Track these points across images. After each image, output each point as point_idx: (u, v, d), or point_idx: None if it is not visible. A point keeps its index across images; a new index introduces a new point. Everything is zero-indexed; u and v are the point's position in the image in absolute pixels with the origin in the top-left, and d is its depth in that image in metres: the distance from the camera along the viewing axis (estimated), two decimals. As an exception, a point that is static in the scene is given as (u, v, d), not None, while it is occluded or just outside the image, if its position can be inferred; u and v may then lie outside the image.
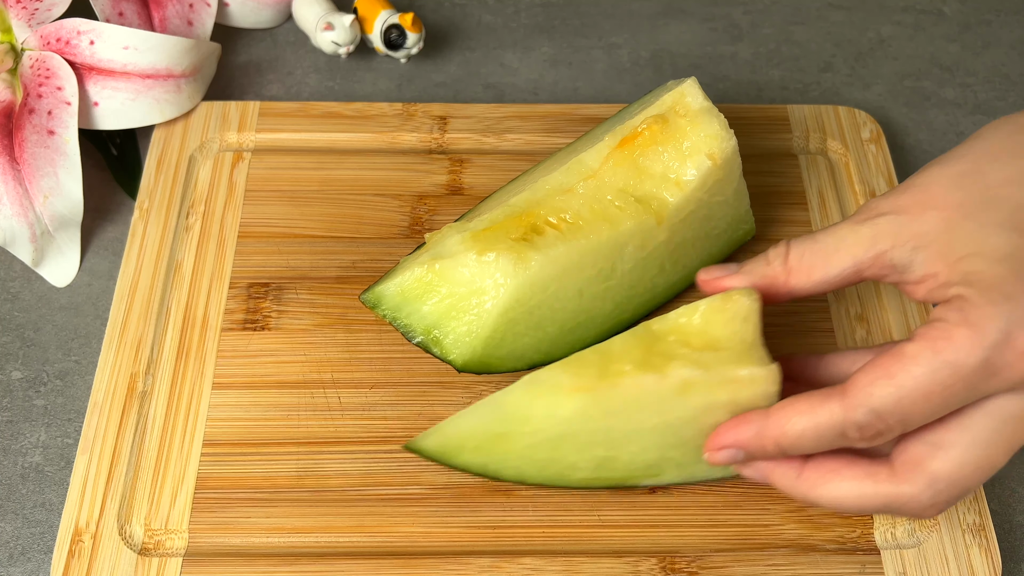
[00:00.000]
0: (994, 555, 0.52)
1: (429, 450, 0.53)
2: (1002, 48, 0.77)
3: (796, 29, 0.77)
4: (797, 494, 0.48)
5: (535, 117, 0.68)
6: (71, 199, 0.62)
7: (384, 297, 0.56)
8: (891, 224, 0.46)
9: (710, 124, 0.55)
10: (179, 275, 0.61)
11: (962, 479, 0.45)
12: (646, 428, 0.50)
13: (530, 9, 0.78)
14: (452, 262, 0.55)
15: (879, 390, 0.43)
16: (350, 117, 0.68)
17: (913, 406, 0.43)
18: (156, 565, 0.51)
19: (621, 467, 0.52)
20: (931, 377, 0.43)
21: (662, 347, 0.50)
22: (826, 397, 0.45)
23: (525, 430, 0.51)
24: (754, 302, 0.49)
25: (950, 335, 0.42)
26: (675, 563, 0.52)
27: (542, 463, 0.52)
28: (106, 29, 0.64)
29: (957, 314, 0.43)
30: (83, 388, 0.59)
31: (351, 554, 0.52)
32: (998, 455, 0.45)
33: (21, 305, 0.63)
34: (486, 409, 0.51)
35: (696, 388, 0.49)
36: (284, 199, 0.65)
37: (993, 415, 0.44)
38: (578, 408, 0.50)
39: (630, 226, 0.55)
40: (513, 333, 0.55)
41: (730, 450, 0.48)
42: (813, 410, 0.45)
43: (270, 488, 0.54)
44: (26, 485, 0.56)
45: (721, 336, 0.50)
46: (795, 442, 0.46)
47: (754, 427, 0.47)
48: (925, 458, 0.45)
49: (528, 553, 0.52)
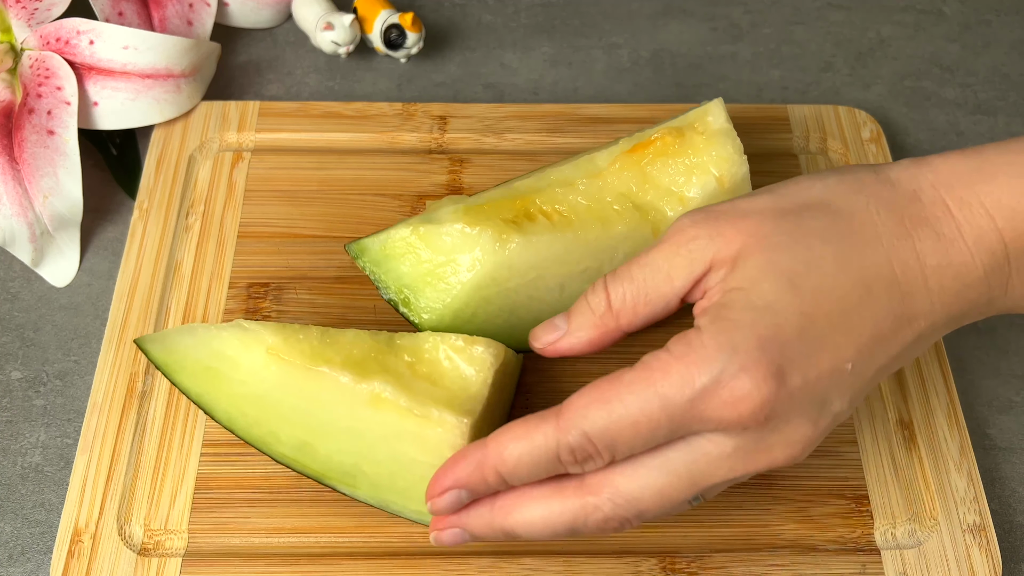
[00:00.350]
0: (994, 555, 0.52)
1: (154, 356, 0.52)
2: (1002, 48, 0.77)
3: (796, 29, 0.77)
4: (495, 527, 0.46)
5: (535, 117, 0.68)
6: (71, 199, 0.62)
7: (367, 250, 0.56)
8: (705, 249, 0.45)
9: (724, 146, 0.55)
10: (179, 275, 0.61)
11: (641, 500, 0.44)
12: (341, 427, 0.50)
13: (530, 9, 0.78)
14: (437, 228, 0.55)
15: (592, 412, 0.43)
16: (350, 117, 0.68)
17: (620, 433, 0.43)
18: (156, 565, 0.51)
19: (319, 461, 0.51)
20: (640, 407, 0.42)
21: (388, 359, 0.51)
22: (542, 419, 0.44)
23: (235, 376, 0.51)
24: (495, 359, 0.50)
25: (667, 369, 0.42)
26: (675, 563, 0.52)
27: (250, 420, 0.51)
28: (106, 29, 0.64)
29: (683, 347, 0.42)
30: (83, 388, 0.59)
31: (351, 554, 0.52)
32: (680, 487, 0.44)
33: (21, 305, 0.63)
34: (205, 335, 0.51)
35: (387, 406, 0.49)
36: (284, 199, 0.65)
37: (690, 448, 0.44)
38: (278, 375, 0.50)
39: (622, 230, 0.55)
40: (485, 312, 0.55)
41: (452, 492, 0.46)
42: (529, 434, 0.44)
43: (270, 488, 0.54)
44: (26, 485, 0.56)
45: (448, 376, 0.51)
46: (514, 468, 0.44)
47: (473, 460, 0.45)
48: (613, 474, 0.44)
49: (528, 553, 0.52)
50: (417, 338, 0.52)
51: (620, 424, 0.42)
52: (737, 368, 0.42)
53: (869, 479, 0.55)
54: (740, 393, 0.41)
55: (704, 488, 0.44)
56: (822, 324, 0.43)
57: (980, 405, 0.60)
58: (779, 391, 0.42)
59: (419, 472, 0.49)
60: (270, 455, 0.52)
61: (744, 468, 0.44)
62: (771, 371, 0.42)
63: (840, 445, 0.56)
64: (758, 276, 0.43)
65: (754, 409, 0.42)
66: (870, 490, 0.55)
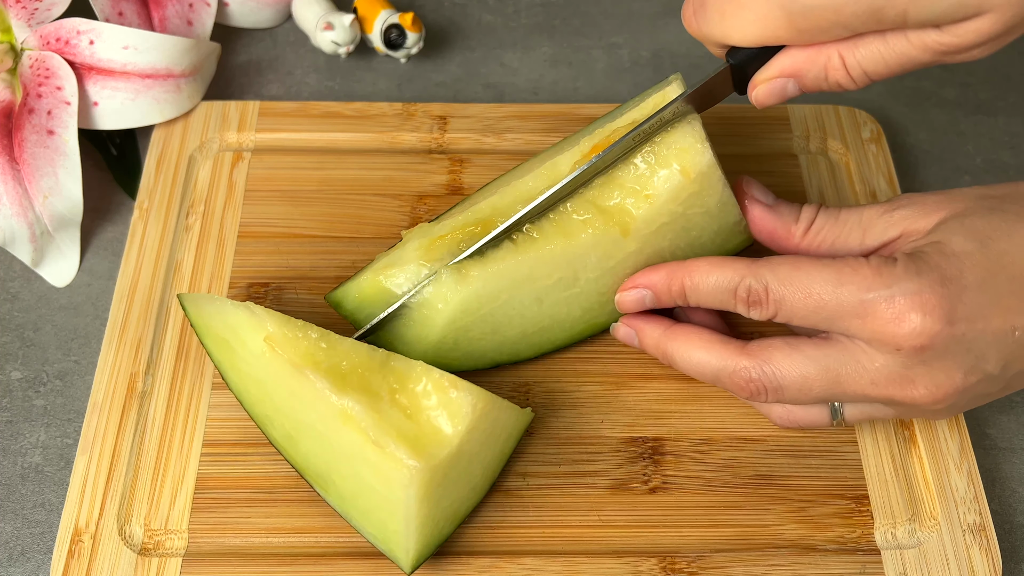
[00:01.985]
0: (994, 555, 0.52)
1: (190, 315, 0.54)
2: (1002, 48, 0.76)
3: (796, 29, 0.77)
4: (660, 345, 0.53)
5: (535, 117, 0.68)
6: (71, 199, 0.62)
7: (345, 299, 0.57)
8: (905, 220, 0.50)
9: (684, 138, 0.53)
10: (179, 275, 0.61)
11: (784, 377, 0.49)
12: (317, 431, 0.50)
13: (530, 9, 0.78)
14: (400, 271, 0.55)
15: (780, 268, 0.49)
16: (350, 117, 0.68)
17: (792, 294, 0.48)
18: (156, 565, 0.51)
19: (300, 456, 0.52)
20: (819, 284, 0.48)
21: (373, 378, 0.51)
22: (737, 260, 0.50)
23: (242, 352, 0.52)
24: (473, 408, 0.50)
25: (858, 269, 0.47)
26: (675, 563, 0.52)
27: (253, 398, 0.52)
28: (106, 29, 0.64)
29: (877, 261, 0.47)
30: (83, 388, 0.59)
31: (351, 554, 0.52)
32: (822, 380, 0.49)
33: (21, 305, 0.63)
34: (222, 307, 0.52)
35: (354, 426, 0.49)
36: (284, 199, 0.65)
37: (843, 348, 0.48)
38: (272, 363, 0.51)
39: (588, 238, 0.54)
40: (467, 338, 0.55)
41: (640, 290, 0.54)
42: (722, 265, 0.50)
43: (270, 488, 0.54)
44: (26, 485, 0.56)
45: (425, 413, 0.51)
46: (696, 286, 0.51)
47: (667, 269, 0.53)
48: (774, 347, 0.50)
49: (528, 553, 0.52)
50: (409, 365, 0.52)
51: (797, 285, 0.48)
52: (914, 292, 0.46)
53: (869, 479, 0.55)
54: (908, 315, 0.46)
55: (842, 392, 0.49)
56: (1002, 284, 0.47)
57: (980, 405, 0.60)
58: (943, 328, 0.46)
59: (375, 499, 0.49)
60: (266, 436, 0.53)
61: (884, 390, 0.48)
62: (942, 307, 0.46)
63: (840, 445, 0.56)
64: (952, 233, 0.48)
65: (914, 333, 0.46)
66: (870, 490, 0.55)
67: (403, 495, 0.48)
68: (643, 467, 0.55)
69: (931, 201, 0.50)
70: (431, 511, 0.49)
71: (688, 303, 0.53)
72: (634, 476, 0.55)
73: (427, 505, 0.49)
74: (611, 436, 0.56)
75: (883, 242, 0.51)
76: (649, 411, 0.57)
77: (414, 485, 0.48)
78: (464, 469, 0.51)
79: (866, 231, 0.51)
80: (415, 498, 0.48)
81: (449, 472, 0.50)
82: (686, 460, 0.55)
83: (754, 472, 0.55)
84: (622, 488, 0.54)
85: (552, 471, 0.55)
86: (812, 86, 0.50)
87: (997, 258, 0.47)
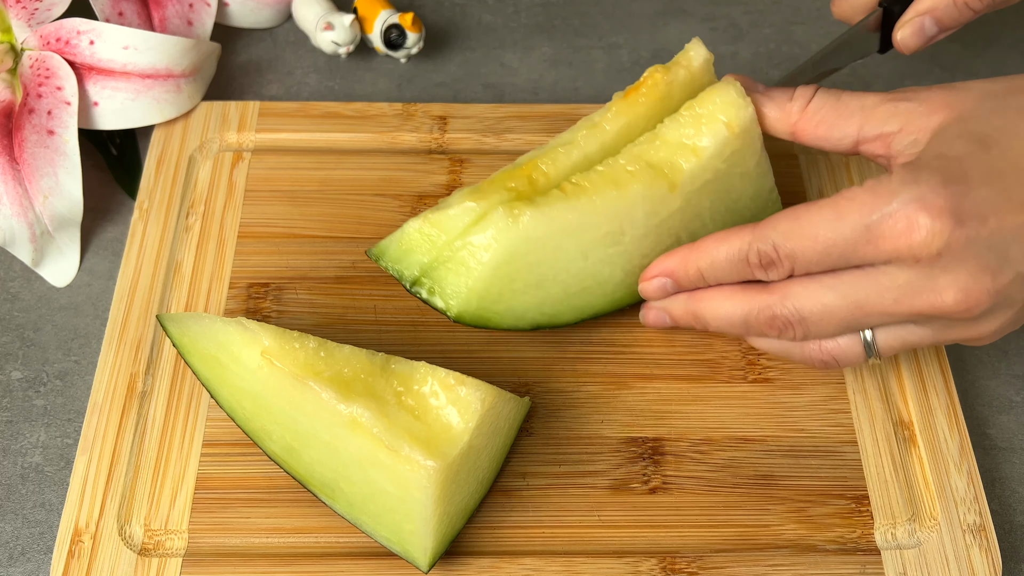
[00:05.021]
0: (994, 555, 0.52)
1: (172, 335, 0.54)
2: (1002, 48, 0.77)
3: (796, 29, 0.77)
4: (688, 310, 0.54)
5: (535, 117, 0.68)
6: (71, 199, 0.62)
7: (387, 250, 0.56)
8: (907, 112, 0.50)
9: (726, 92, 0.55)
10: (179, 275, 0.61)
11: (806, 308, 0.49)
12: (322, 440, 0.50)
13: (530, 9, 0.78)
14: (447, 213, 0.54)
15: (781, 224, 0.49)
16: (350, 117, 0.68)
17: (800, 243, 0.48)
18: (156, 565, 0.51)
19: (304, 466, 0.51)
20: (821, 224, 0.47)
21: (377, 383, 0.51)
22: (741, 229, 0.51)
23: (235, 369, 0.52)
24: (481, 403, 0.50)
25: (854, 196, 0.47)
26: (675, 563, 0.52)
27: (248, 413, 0.52)
28: (106, 29, 0.64)
29: (872, 183, 0.47)
30: (83, 388, 0.59)
31: (351, 554, 0.52)
32: (845, 306, 0.48)
33: (21, 305, 0.63)
34: (211, 325, 0.52)
35: (363, 432, 0.49)
36: (284, 199, 0.65)
37: (863, 274, 0.48)
38: (270, 377, 0.51)
39: (639, 189, 0.54)
40: (511, 289, 0.54)
41: (660, 279, 0.54)
42: (728, 237, 0.51)
43: (270, 488, 0.54)
44: (26, 485, 0.56)
45: (433, 413, 0.51)
46: (711, 264, 0.52)
47: (680, 254, 0.53)
48: (793, 282, 0.50)
49: (528, 553, 0.52)
50: (411, 366, 0.52)
51: (801, 235, 0.48)
52: (916, 199, 0.45)
53: (869, 479, 0.55)
54: (916, 223, 0.45)
55: (866, 316, 0.48)
56: (1011, 180, 0.46)
57: (980, 405, 0.60)
58: (955, 229, 0.44)
59: (389, 502, 0.49)
60: (263, 450, 0.52)
61: (911, 304, 0.47)
62: (949, 207, 0.45)
63: (840, 445, 0.56)
64: (951, 138, 0.47)
65: (926, 239, 0.45)
66: (870, 490, 0.55)
67: (420, 495, 0.48)
68: (643, 467, 0.55)
69: (935, 98, 0.50)
70: (446, 508, 0.49)
71: (708, 282, 0.53)
72: (634, 476, 0.55)
73: (442, 503, 0.49)
74: (611, 436, 0.56)
75: (881, 133, 0.51)
76: (649, 411, 0.57)
77: (432, 485, 0.48)
78: (474, 463, 0.51)
79: (866, 118, 0.51)
80: (432, 498, 0.48)
81: (461, 468, 0.50)
82: (686, 460, 0.55)
83: (754, 472, 0.55)
84: (622, 488, 0.54)
85: (552, 471, 0.55)
86: (947, 19, 0.53)
87: (1000, 156, 0.46)
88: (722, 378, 0.58)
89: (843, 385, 0.58)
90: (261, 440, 0.52)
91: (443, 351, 0.59)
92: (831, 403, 0.57)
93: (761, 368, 0.58)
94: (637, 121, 0.57)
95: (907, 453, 0.56)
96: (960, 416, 0.57)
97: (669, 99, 0.57)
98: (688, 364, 0.59)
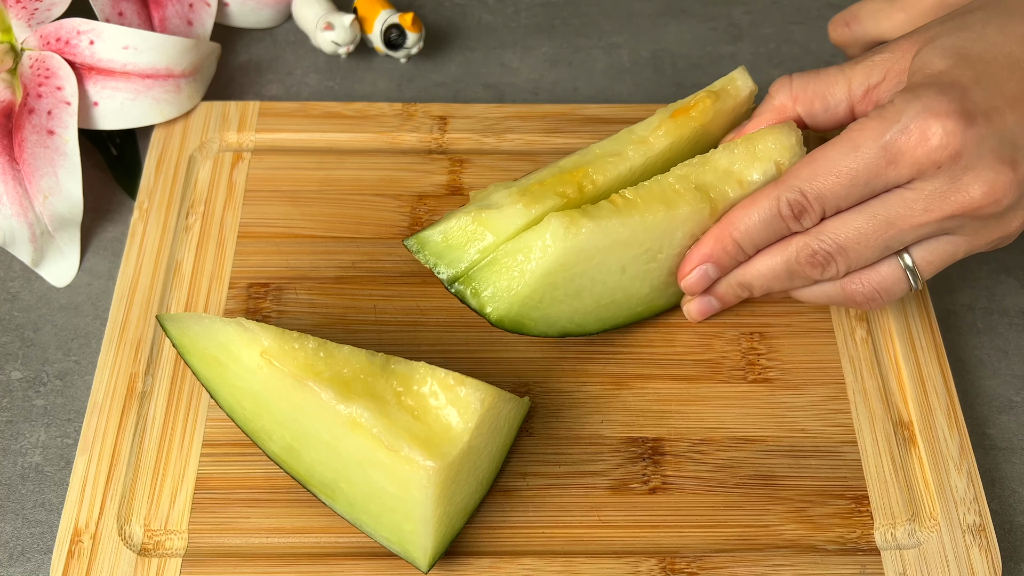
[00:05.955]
0: (994, 555, 0.52)
1: (172, 335, 0.54)
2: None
3: (796, 29, 0.77)
4: (733, 283, 0.56)
5: (535, 117, 0.68)
6: (71, 199, 0.62)
7: (428, 243, 0.55)
8: (886, 61, 0.53)
9: (787, 137, 0.56)
10: (179, 275, 0.61)
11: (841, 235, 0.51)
12: (322, 440, 0.50)
13: (530, 9, 0.78)
14: (499, 213, 0.54)
15: (802, 170, 0.51)
16: (350, 117, 0.68)
17: (825, 182, 0.50)
18: (156, 565, 0.51)
19: (304, 466, 0.51)
20: (840, 158, 0.49)
21: (377, 383, 0.51)
22: (764, 190, 0.52)
23: (235, 369, 0.52)
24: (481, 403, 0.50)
25: (862, 126, 0.49)
26: (675, 563, 0.52)
27: (248, 413, 0.52)
28: (106, 29, 0.64)
29: (876, 111, 0.49)
30: (83, 388, 0.59)
31: (351, 554, 0.52)
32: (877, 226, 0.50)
33: (21, 305, 0.63)
34: (210, 325, 0.52)
35: (363, 432, 0.49)
36: (284, 199, 0.65)
37: (889, 195, 0.50)
38: (270, 377, 0.51)
39: (685, 211, 0.55)
40: (552, 297, 0.54)
41: (700, 267, 0.55)
42: (755, 200, 0.53)
43: (270, 488, 0.54)
44: (26, 485, 0.56)
45: (432, 413, 0.51)
46: (746, 232, 0.53)
47: (712, 234, 0.55)
48: (827, 221, 0.51)
49: (528, 553, 0.52)
50: (411, 367, 0.52)
51: (825, 174, 0.50)
52: (923, 110, 0.47)
53: (869, 479, 0.55)
54: (928, 130, 0.47)
55: (899, 232, 0.50)
56: (999, 75, 0.48)
57: (980, 405, 0.60)
58: (967, 128, 0.47)
59: (389, 502, 0.49)
60: (263, 450, 0.52)
61: (941, 208, 0.49)
62: (954, 108, 0.47)
63: (840, 445, 0.56)
64: (930, 59, 0.50)
65: (942, 142, 0.47)
66: (870, 490, 0.55)
67: (420, 496, 0.48)
68: (643, 467, 0.55)
69: (904, 42, 0.52)
70: (446, 508, 0.49)
71: (748, 254, 0.54)
72: (634, 476, 0.55)
73: (443, 503, 0.49)
74: (611, 436, 0.56)
75: (868, 86, 0.53)
76: (649, 411, 0.57)
77: (432, 485, 0.48)
78: (473, 463, 0.51)
79: (850, 79, 0.54)
80: (432, 498, 0.48)
81: (461, 468, 0.50)
82: (686, 460, 0.55)
83: (754, 472, 0.55)
84: (622, 488, 0.54)
85: (552, 471, 0.55)
86: None
87: (979, 59, 0.49)
88: (722, 378, 0.58)
89: (843, 385, 0.58)
90: (261, 440, 0.52)
91: (443, 351, 0.59)
92: (831, 403, 0.57)
93: (761, 368, 0.58)
94: (681, 142, 0.58)
95: (907, 453, 0.56)
96: (960, 416, 0.57)
97: (712, 124, 0.59)
98: (688, 364, 0.59)
